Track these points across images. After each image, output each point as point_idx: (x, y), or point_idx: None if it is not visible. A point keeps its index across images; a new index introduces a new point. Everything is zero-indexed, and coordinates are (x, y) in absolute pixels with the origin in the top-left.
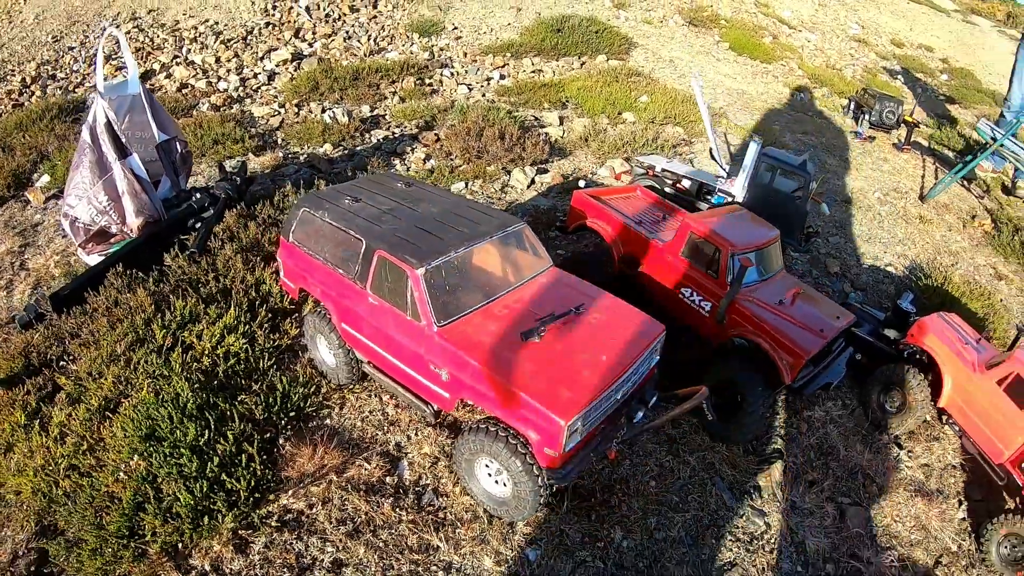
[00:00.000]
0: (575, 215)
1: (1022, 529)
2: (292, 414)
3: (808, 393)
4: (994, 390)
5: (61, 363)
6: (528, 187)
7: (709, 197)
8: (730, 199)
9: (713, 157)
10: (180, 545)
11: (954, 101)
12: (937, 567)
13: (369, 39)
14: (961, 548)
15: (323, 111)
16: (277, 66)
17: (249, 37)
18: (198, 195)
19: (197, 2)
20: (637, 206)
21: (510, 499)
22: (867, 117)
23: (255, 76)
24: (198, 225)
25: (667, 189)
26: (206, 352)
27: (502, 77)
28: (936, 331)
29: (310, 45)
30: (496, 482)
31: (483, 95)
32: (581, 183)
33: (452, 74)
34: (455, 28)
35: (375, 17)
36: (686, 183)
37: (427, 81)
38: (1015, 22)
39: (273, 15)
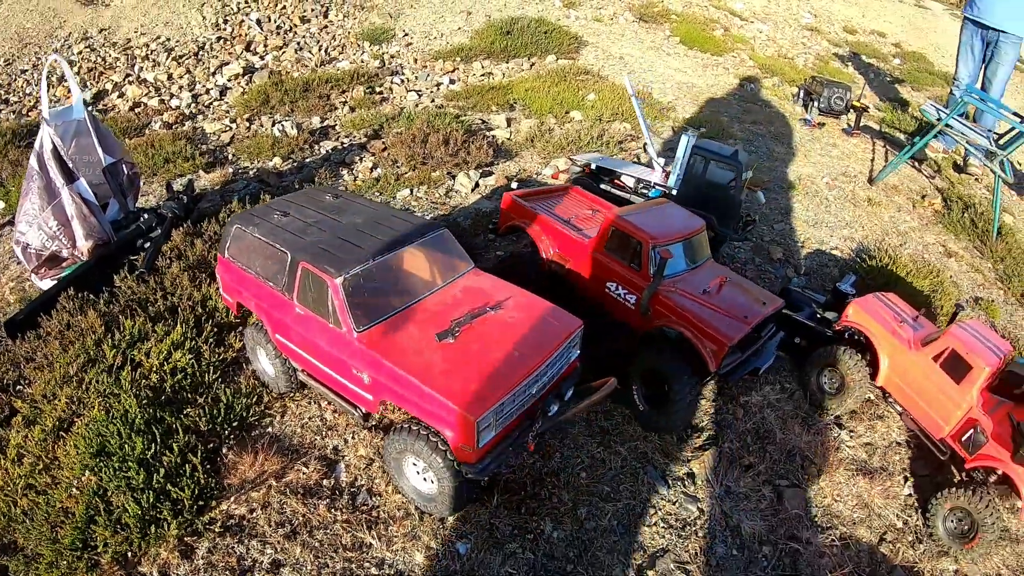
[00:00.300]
0: (505, 216)
1: (966, 502)
2: (235, 424)
3: (734, 380)
4: (930, 366)
5: (17, 387)
6: (472, 190)
7: (645, 192)
8: (666, 193)
9: (647, 152)
10: (130, 554)
11: (902, 82)
12: (881, 544)
13: (320, 49)
14: (907, 524)
15: (273, 124)
16: (229, 81)
17: (201, 52)
18: (145, 215)
19: (148, 19)
20: (567, 204)
21: (437, 495)
22: (816, 104)
23: (207, 92)
24: (147, 245)
25: (603, 186)
26: (154, 369)
27: (452, 82)
28: (869, 310)
29: (261, 58)
30: (424, 479)
31: (432, 101)
32: (514, 184)
33: (402, 81)
34: (406, 35)
35: (326, 27)
36: (625, 179)
37: (377, 89)
38: None
39: (224, 29)
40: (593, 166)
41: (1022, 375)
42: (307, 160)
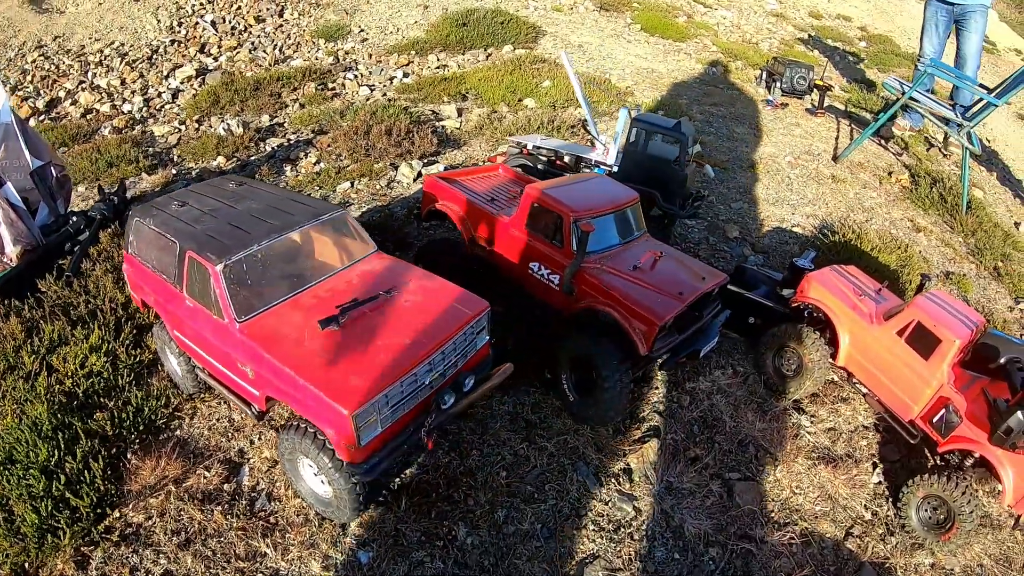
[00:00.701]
0: (427, 199)
1: (941, 490)
2: (141, 428)
3: (671, 364)
4: (894, 341)
5: None
6: (415, 180)
7: (587, 170)
8: (608, 170)
9: (587, 129)
10: (27, 565)
11: (868, 64)
12: (848, 539)
13: (275, 48)
14: (877, 516)
15: (222, 124)
16: (182, 83)
17: (154, 56)
18: (74, 218)
19: (103, 25)
20: (493, 184)
21: (333, 499)
22: (778, 85)
23: (159, 95)
24: (77, 249)
25: (540, 166)
26: (69, 374)
27: (405, 75)
28: (827, 284)
29: (215, 59)
30: (322, 482)
31: (384, 95)
32: (441, 167)
33: (355, 77)
34: (361, 30)
35: (281, 26)
36: (567, 159)
37: (329, 85)
38: None
39: (179, 32)
40: (530, 146)
41: (997, 347)
42: (251, 158)
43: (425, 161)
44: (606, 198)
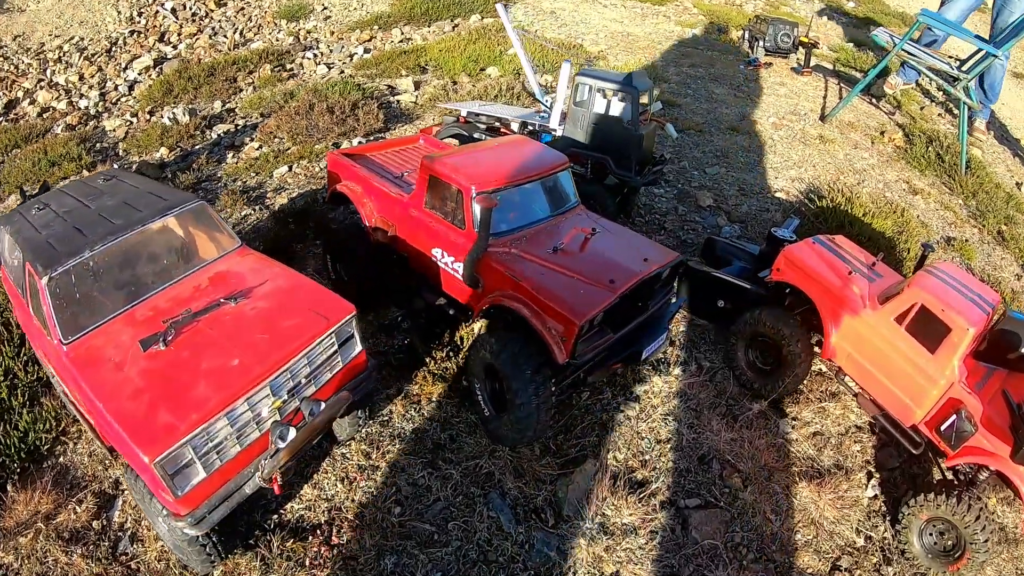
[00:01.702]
0: (331, 180)
1: (949, 512)
2: (24, 455)
3: (600, 373)
4: (893, 330)
5: None
6: None
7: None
8: (556, 135)
9: (528, 90)
10: None
11: (856, 24)
12: (834, 574)
13: (235, 32)
14: (871, 540)
15: (169, 113)
16: (139, 74)
17: (113, 49)
18: None
19: (63, 21)
20: (407, 158)
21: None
22: (761, 44)
23: (116, 88)
24: None
25: (478, 135)
26: None
27: (367, 51)
28: (808, 259)
29: (174, 47)
30: None
31: (341, 72)
32: (358, 142)
33: (315, 56)
34: (324, 8)
35: (243, 9)
36: (514, 125)
37: (288, 67)
38: None
39: (139, 22)
40: (465, 113)
41: (1017, 333)
42: (196, 147)
43: (372, 139)
44: (520, 165)
